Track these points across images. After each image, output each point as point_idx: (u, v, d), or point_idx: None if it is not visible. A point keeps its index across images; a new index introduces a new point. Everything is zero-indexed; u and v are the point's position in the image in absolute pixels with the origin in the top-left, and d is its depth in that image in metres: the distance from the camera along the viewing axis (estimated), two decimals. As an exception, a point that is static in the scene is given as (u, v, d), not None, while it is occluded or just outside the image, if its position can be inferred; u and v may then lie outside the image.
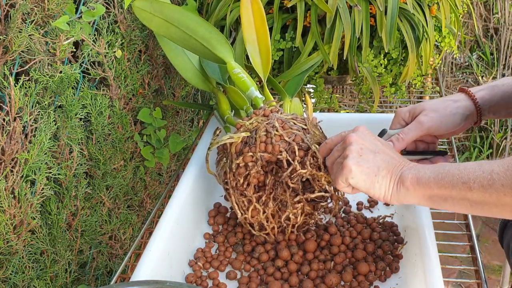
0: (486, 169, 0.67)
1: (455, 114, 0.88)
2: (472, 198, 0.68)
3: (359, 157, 0.75)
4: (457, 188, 0.68)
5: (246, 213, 0.87)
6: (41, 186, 0.95)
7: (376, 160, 0.75)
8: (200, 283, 0.85)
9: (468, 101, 0.89)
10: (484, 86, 0.91)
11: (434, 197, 0.71)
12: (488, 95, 0.90)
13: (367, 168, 0.74)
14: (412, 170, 0.73)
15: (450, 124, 0.88)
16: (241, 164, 0.84)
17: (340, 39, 1.18)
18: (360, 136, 0.77)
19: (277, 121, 0.84)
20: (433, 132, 0.87)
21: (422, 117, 0.87)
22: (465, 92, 0.91)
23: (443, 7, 1.28)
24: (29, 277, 1.00)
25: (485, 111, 0.90)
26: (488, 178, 0.66)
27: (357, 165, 0.74)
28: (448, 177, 0.69)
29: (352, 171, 0.74)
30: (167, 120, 1.38)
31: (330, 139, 0.81)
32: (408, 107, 0.90)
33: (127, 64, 1.18)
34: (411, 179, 0.72)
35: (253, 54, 1.00)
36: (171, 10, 1.04)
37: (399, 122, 0.90)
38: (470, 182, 0.67)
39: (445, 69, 2.58)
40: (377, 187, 0.74)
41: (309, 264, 0.87)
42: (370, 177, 0.74)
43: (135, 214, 1.34)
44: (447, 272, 0.78)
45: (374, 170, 0.74)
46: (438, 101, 0.90)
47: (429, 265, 0.74)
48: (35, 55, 0.92)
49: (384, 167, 0.74)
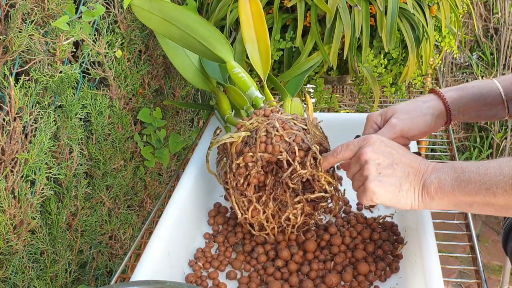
0: (507, 173, 0.68)
1: (426, 115, 0.89)
2: (497, 203, 0.69)
3: (378, 175, 0.75)
4: (481, 195, 0.70)
5: (246, 213, 0.87)
6: (41, 186, 0.95)
7: (396, 174, 0.75)
8: (200, 283, 0.85)
9: (438, 101, 0.91)
10: (454, 87, 0.93)
11: (460, 204, 0.73)
12: (457, 95, 0.91)
13: (390, 185, 0.75)
14: (433, 177, 0.74)
15: (421, 124, 0.89)
16: (242, 164, 0.84)
17: (340, 39, 1.18)
18: (374, 150, 0.76)
19: (277, 121, 0.84)
20: (406, 133, 0.88)
21: (394, 120, 0.87)
22: (435, 92, 0.92)
23: (443, 7, 1.28)
24: (29, 277, 1.00)
25: (454, 111, 0.91)
26: (510, 183, 0.67)
27: (380, 186, 0.75)
28: (470, 184, 0.70)
29: (376, 193, 0.75)
30: (167, 120, 1.38)
31: (339, 153, 0.80)
32: (379, 111, 0.91)
33: (127, 64, 1.18)
34: (434, 189, 0.73)
35: (252, 54, 1.00)
36: (170, 8, 1.03)
37: (372, 126, 0.90)
38: (493, 188, 0.69)
39: (445, 69, 2.58)
40: (403, 201, 0.75)
41: (309, 264, 0.86)
42: (394, 194, 0.75)
43: (135, 214, 1.34)
44: (447, 272, 0.78)
45: (397, 186, 0.75)
46: (408, 103, 0.91)
47: (429, 265, 0.74)
48: (35, 55, 0.91)
49: (405, 180, 0.75)
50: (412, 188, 0.75)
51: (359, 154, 0.77)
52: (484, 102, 0.91)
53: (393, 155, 0.76)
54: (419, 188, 0.74)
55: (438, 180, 0.73)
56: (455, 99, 0.91)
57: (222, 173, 0.88)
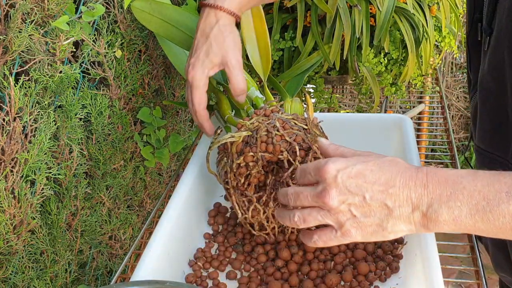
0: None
1: None
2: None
3: (353, 219, 0.62)
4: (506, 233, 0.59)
5: (246, 213, 0.87)
6: (41, 186, 0.95)
7: (373, 212, 0.62)
8: (200, 283, 0.85)
9: None
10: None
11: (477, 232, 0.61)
12: None
13: (370, 226, 0.63)
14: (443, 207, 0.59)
15: None
16: (242, 164, 0.84)
17: (340, 39, 1.18)
18: (339, 191, 0.62)
19: (278, 121, 0.84)
20: None
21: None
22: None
23: (443, 7, 1.29)
24: (29, 277, 1.00)
25: None
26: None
27: (359, 231, 0.63)
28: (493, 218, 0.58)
29: (358, 238, 0.64)
30: (167, 120, 1.38)
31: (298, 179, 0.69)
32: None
33: (127, 64, 1.18)
34: (444, 221, 0.59)
35: (252, 54, 1.00)
36: (170, 10, 1.04)
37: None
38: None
39: (445, 69, 2.58)
40: (391, 235, 0.63)
41: (309, 264, 0.87)
42: (378, 233, 0.63)
43: (135, 214, 1.34)
44: (447, 272, 0.77)
45: (378, 224, 0.62)
46: None
47: (429, 265, 0.74)
48: (35, 55, 0.91)
49: (386, 218, 0.62)
50: (400, 221, 0.62)
51: (322, 197, 0.63)
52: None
53: (361, 186, 0.62)
54: (412, 218, 0.61)
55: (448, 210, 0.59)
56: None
57: (223, 173, 0.88)
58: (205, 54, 0.89)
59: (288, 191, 0.68)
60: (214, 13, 0.89)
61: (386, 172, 0.62)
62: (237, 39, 0.90)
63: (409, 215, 0.61)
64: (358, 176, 0.62)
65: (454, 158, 1.18)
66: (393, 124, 1.07)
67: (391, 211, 0.61)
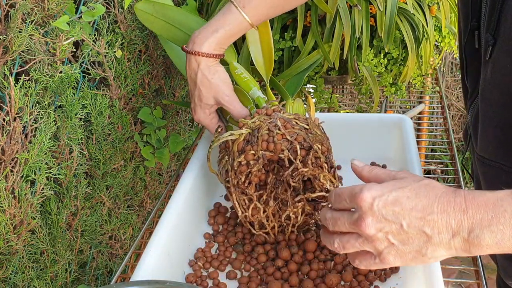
0: None
1: None
2: None
3: (391, 247, 0.62)
4: None
5: (246, 211, 0.87)
6: (41, 186, 0.95)
7: (412, 239, 0.61)
8: (200, 283, 0.85)
9: None
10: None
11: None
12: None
13: (409, 253, 0.62)
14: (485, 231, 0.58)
15: None
16: (243, 162, 0.84)
17: (340, 39, 1.18)
18: (376, 219, 0.61)
19: (279, 120, 0.84)
20: None
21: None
22: None
23: (443, 7, 1.29)
24: (29, 277, 1.00)
25: None
26: None
27: (398, 257, 0.62)
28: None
29: (397, 264, 0.63)
30: (167, 120, 1.38)
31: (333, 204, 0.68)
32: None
33: (127, 64, 1.18)
34: (487, 245, 0.58)
35: (255, 55, 1.01)
36: (174, 12, 1.04)
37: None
38: None
39: (445, 69, 2.58)
40: (432, 260, 0.62)
41: (309, 264, 0.87)
42: (417, 259, 0.62)
43: (135, 214, 1.34)
44: (447, 272, 0.78)
45: (418, 251, 0.61)
46: None
47: (429, 265, 0.74)
48: (35, 55, 0.92)
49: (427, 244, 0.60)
50: (440, 248, 0.60)
51: (358, 225, 0.62)
52: None
53: (398, 214, 0.61)
54: (453, 244, 0.60)
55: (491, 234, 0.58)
56: None
57: (224, 172, 0.88)
58: (198, 99, 0.95)
59: (327, 216, 0.67)
60: (194, 59, 0.93)
61: (423, 198, 0.61)
62: (222, 76, 0.94)
63: (449, 241, 0.60)
64: (394, 203, 0.61)
65: (454, 158, 1.18)
66: (393, 124, 1.07)
67: (430, 238, 0.60)
